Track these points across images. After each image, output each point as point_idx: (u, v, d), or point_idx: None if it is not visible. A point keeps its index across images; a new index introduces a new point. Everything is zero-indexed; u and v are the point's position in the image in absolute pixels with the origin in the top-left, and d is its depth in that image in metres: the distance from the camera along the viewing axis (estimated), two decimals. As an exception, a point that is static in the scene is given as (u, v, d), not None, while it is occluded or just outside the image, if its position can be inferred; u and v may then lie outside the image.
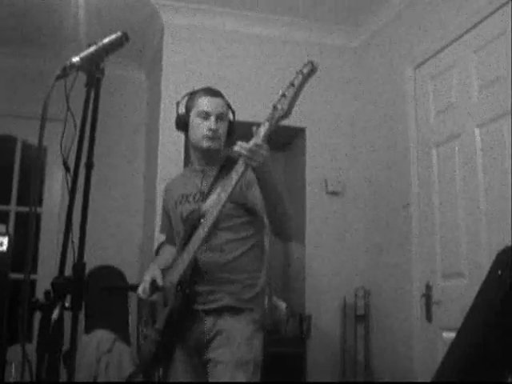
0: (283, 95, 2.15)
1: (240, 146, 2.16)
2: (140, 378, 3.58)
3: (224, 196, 2.25)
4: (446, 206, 3.58)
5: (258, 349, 2.43)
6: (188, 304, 2.41)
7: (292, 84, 2.14)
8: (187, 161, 2.83)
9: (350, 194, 4.61)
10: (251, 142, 2.15)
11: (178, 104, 2.63)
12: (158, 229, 3.19)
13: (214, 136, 2.51)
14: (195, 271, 2.41)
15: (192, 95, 2.61)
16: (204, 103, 2.53)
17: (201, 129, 2.52)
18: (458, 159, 3.50)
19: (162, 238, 2.89)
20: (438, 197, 3.67)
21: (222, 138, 2.56)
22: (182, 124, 2.59)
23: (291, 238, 2.70)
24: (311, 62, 2.14)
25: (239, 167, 2.21)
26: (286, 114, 2.14)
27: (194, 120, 2.54)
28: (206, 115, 2.52)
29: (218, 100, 2.55)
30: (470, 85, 3.42)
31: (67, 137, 1.70)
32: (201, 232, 2.33)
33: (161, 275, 2.52)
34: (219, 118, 2.53)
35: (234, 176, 2.22)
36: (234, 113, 2.63)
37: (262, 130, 2.17)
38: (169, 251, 2.77)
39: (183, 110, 2.59)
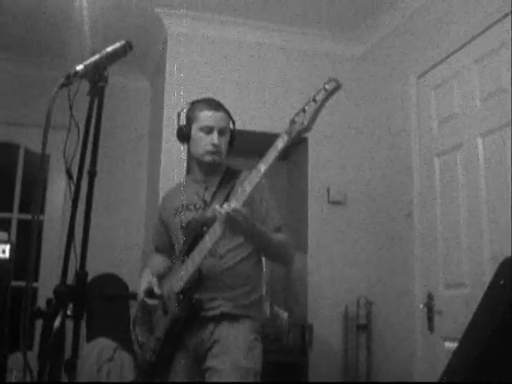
0: (303, 110, 2.15)
1: (218, 210, 2.22)
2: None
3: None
4: (448, 216, 3.58)
5: (257, 358, 2.43)
6: (194, 313, 2.41)
7: (314, 100, 2.13)
8: (189, 170, 2.83)
9: (352, 203, 4.61)
10: (232, 205, 2.19)
11: (178, 115, 2.63)
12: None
13: (216, 151, 2.54)
14: (197, 279, 2.41)
15: (193, 106, 2.62)
16: (207, 118, 2.54)
17: (203, 143, 2.54)
18: (460, 169, 3.50)
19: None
20: (440, 206, 3.66)
21: (223, 151, 2.58)
22: (184, 136, 2.60)
23: (290, 263, 2.78)
24: (336, 80, 2.13)
25: (218, 226, 2.28)
26: (307, 128, 2.14)
27: (197, 134, 2.55)
28: (208, 130, 2.53)
29: (220, 114, 2.57)
30: (471, 95, 3.42)
31: (70, 145, 1.71)
32: (208, 242, 2.33)
33: (157, 282, 2.52)
34: (222, 132, 2.55)
35: (218, 230, 2.28)
36: (234, 122, 2.65)
37: (246, 190, 2.22)
38: (158, 260, 2.77)
39: (184, 122, 2.60)
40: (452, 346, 3.10)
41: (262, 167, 2.20)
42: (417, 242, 3.83)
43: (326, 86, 2.12)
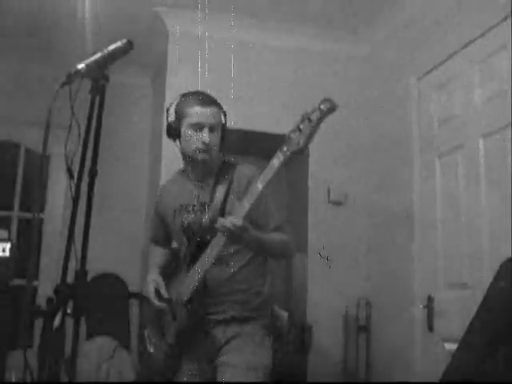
0: (298, 129, 2.13)
1: (221, 224, 2.20)
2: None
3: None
4: (448, 217, 3.57)
5: (267, 354, 2.46)
6: (200, 321, 2.41)
7: (309, 119, 2.11)
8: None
9: (353, 203, 4.60)
10: (233, 221, 2.18)
11: (167, 110, 2.56)
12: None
13: (207, 149, 2.47)
14: (203, 286, 2.41)
15: (183, 101, 2.53)
16: (197, 114, 2.46)
17: (193, 141, 2.47)
18: (460, 170, 3.49)
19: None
20: (440, 207, 3.66)
21: (215, 148, 2.51)
22: (173, 132, 2.53)
23: (289, 258, 2.80)
24: (330, 100, 2.10)
25: (219, 238, 2.27)
26: (303, 149, 2.13)
27: (186, 131, 2.48)
28: (198, 127, 2.46)
29: (211, 109, 2.48)
30: (473, 96, 3.42)
31: (71, 143, 1.71)
32: (212, 252, 2.32)
33: (164, 285, 2.51)
34: (212, 128, 2.47)
35: (220, 242, 2.28)
36: (225, 115, 2.56)
37: (245, 206, 2.20)
38: (160, 252, 2.78)
39: (173, 118, 2.52)
40: (452, 347, 3.10)
41: (260, 186, 2.19)
42: (417, 243, 3.83)
43: (321, 106, 2.10)
